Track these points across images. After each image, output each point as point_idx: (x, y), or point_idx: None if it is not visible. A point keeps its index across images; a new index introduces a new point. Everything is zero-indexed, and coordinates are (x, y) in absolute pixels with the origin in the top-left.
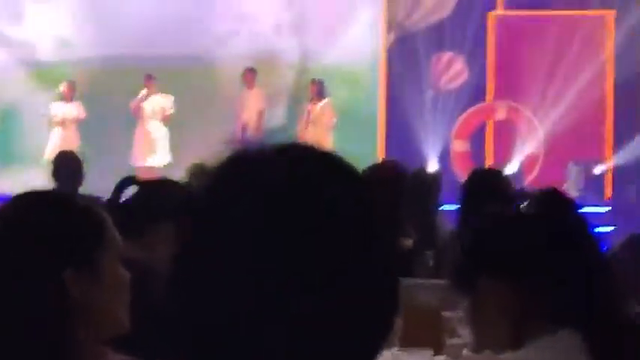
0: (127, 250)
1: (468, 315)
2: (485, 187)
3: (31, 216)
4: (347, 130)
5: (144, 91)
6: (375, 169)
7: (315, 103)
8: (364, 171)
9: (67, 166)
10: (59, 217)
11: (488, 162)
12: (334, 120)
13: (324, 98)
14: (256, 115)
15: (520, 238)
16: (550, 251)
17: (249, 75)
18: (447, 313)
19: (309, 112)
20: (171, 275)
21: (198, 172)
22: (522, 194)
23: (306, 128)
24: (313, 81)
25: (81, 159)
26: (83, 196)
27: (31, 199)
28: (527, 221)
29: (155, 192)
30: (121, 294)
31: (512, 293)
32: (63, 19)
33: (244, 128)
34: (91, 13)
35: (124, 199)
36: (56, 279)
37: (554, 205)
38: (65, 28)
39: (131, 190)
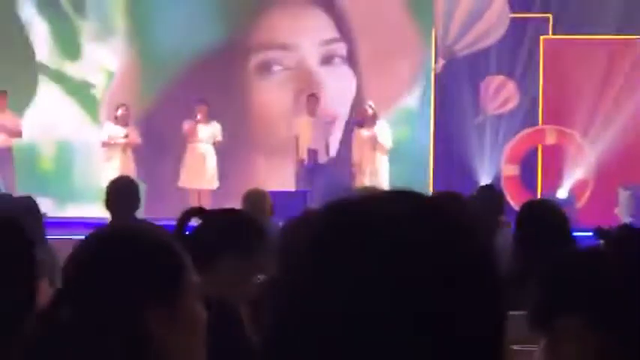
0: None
1: (545, 356)
2: (540, 220)
3: (112, 254)
4: (397, 157)
5: (198, 116)
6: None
7: (369, 128)
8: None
9: (124, 191)
10: (138, 255)
11: (539, 187)
12: (390, 144)
13: (378, 123)
14: (324, 142)
15: (605, 276)
16: (636, 292)
17: (313, 101)
18: (516, 347)
19: (363, 137)
20: (276, 341)
21: (254, 198)
22: (599, 231)
23: (361, 154)
24: (368, 106)
25: (137, 184)
26: (152, 225)
27: (109, 236)
28: (611, 259)
29: (220, 223)
30: (199, 333)
31: (595, 335)
32: (117, 56)
33: (312, 155)
34: (142, 47)
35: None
36: (136, 319)
37: (634, 242)
38: (118, 64)
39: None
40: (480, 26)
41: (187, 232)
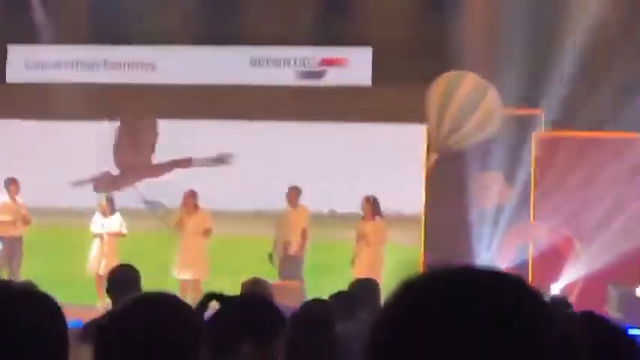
0: None
1: None
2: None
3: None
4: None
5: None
6: None
7: (367, 222)
8: None
9: (124, 279)
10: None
11: (531, 282)
12: (385, 240)
13: (378, 216)
14: (300, 232)
15: None
16: None
17: (293, 193)
18: None
19: (362, 231)
20: None
21: (252, 287)
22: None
23: (359, 247)
24: (367, 199)
25: (138, 272)
26: None
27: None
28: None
29: (240, 308)
30: None
31: None
32: None
33: (286, 246)
34: None
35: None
36: None
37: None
38: None
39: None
40: (473, 121)
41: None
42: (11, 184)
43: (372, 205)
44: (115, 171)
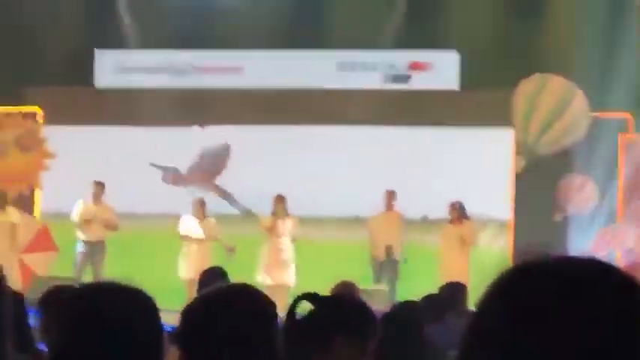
0: None
1: None
2: None
3: None
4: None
5: (277, 211)
6: None
7: (455, 226)
8: None
9: (215, 282)
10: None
11: None
12: (477, 242)
13: (466, 220)
14: (398, 236)
15: None
16: None
17: (390, 197)
18: None
19: (449, 234)
20: None
21: (342, 290)
22: None
23: (448, 249)
24: (453, 205)
25: (227, 274)
26: None
27: None
28: None
29: (334, 308)
30: None
31: None
32: None
33: (387, 250)
34: None
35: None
36: None
37: None
38: None
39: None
40: (560, 125)
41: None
42: (96, 187)
43: (458, 210)
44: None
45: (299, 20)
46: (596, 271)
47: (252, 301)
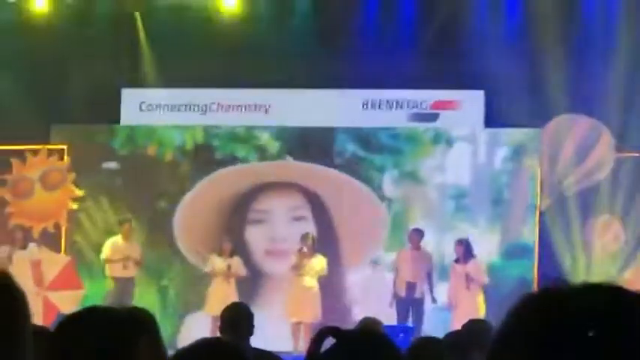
0: None
1: None
2: None
3: None
4: (499, 291)
5: (304, 249)
6: None
7: (464, 264)
8: None
9: (237, 318)
10: None
11: None
12: (486, 280)
13: (473, 258)
14: (425, 275)
15: None
16: None
17: (416, 236)
18: None
19: (458, 272)
20: None
21: (370, 325)
22: None
23: (455, 289)
24: (460, 241)
25: (250, 311)
26: (263, 352)
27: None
28: None
29: (357, 343)
30: None
31: None
32: None
33: (411, 287)
34: None
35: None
36: None
37: None
38: None
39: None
40: (586, 165)
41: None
42: (125, 225)
43: (464, 248)
44: None
45: (326, 59)
46: (622, 300)
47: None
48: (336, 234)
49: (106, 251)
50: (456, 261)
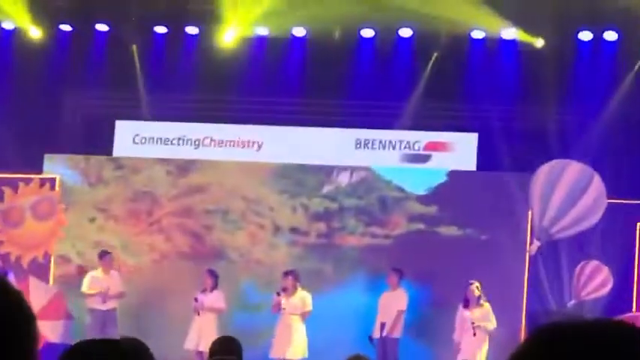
0: None
1: None
2: None
3: None
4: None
5: (285, 289)
6: None
7: (472, 309)
8: None
9: (226, 349)
10: None
11: None
12: (493, 326)
13: (481, 305)
14: (396, 314)
15: None
16: None
17: (394, 276)
18: None
19: (465, 317)
20: None
21: None
22: None
23: (461, 333)
24: (475, 287)
25: (239, 342)
26: None
27: None
28: None
29: None
30: None
31: None
32: None
33: (382, 326)
34: None
35: None
36: None
37: None
38: None
39: None
40: (576, 210)
41: None
42: (103, 257)
43: (471, 294)
44: None
45: (319, 97)
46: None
47: None
48: None
49: (85, 284)
50: (466, 305)
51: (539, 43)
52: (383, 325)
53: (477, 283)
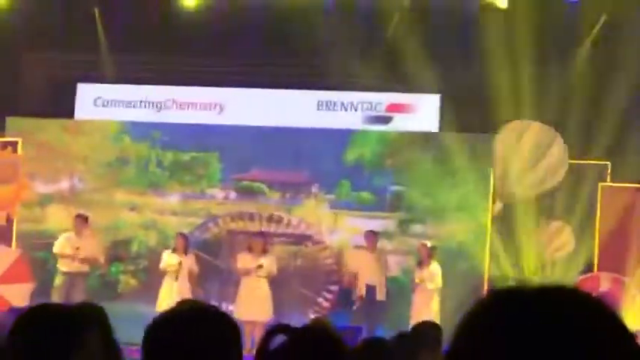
0: None
1: None
2: None
3: None
4: (451, 296)
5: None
6: None
7: (423, 268)
8: None
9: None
10: None
11: None
12: (438, 285)
13: (431, 264)
14: (381, 277)
15: None
16: None
17: (372, 237)
18: None
19: (418, 277)
20: None
21: (321, 326)
22: None
23: (415, 292)
24: (423, 245)
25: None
26: None
27: None
28: None
29: (306, 340)
30: None
31: None
32: None
33: (370, 290)
34: None
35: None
36: None
37: None
38: None
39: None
40: (538, 170)
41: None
42: (77, 219)
43: (428, 251)
44: None
45: (281, 59)
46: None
47: (213, 324)
48: None
49: (57, 245)
50: (419, 264)
51: (502, 3)
52: (371, 289)
53: (427, 244)
